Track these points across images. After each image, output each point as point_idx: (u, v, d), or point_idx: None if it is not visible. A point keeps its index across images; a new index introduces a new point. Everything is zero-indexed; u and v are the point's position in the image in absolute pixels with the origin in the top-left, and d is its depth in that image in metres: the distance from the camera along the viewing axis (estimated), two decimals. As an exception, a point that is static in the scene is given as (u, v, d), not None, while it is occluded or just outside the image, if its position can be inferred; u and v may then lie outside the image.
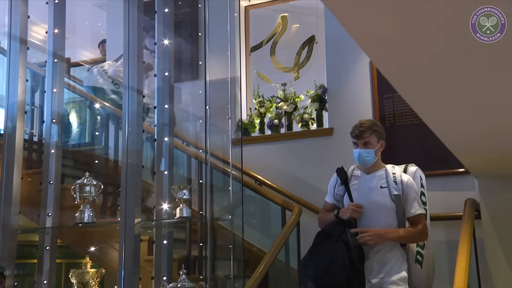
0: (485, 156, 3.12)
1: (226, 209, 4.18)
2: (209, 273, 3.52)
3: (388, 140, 4.66)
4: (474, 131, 2.74)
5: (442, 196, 4.30)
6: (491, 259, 3.41)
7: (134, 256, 3.32)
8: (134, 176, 3.45)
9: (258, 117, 5.45)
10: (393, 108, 4.67)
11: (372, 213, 2.84)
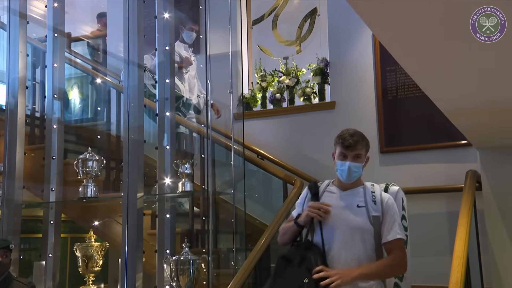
0: (486, 127, 3.10)
1: (228, 183, 4.20)
2: (211, 247, 3.54)
3: (391, 113, 4.69)
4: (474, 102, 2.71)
5: (445, 168, 4.30)
6: (491, 229, 3.43)
7: (137, 230, 3.37)
8: (136, 151, 3.47)
9: (260, 92, 5.42)
10: (395, 81, 4.63)
11: (346, 236, 2.38)
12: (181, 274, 3.37)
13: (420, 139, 4.49)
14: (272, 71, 5.43)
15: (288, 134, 5.15)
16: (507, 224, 3.36)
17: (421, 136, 4.49)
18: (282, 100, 5.33)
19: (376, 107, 4.72)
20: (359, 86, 4.87)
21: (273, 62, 5.54)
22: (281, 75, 5.34)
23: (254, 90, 5.47)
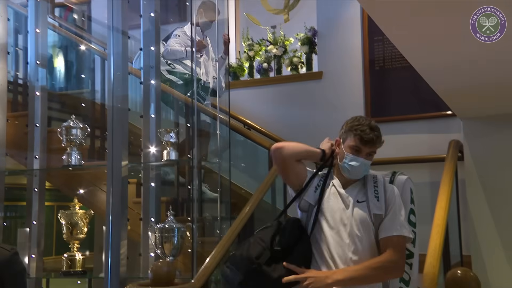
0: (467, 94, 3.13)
1: (214, 153, 4.21)
2: (196, 215, 3.56)
3: (377, 83, 4.69)
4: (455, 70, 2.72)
5: (429, 138, 4.34)
6: (471, 198, 3.49)
7: (122, 198, 3.37)
8: (121, 119, 3.44)
9: (247, 61, 5.39)
10: (383, 51, 4.62)
11: (343, 236, 2.08)
12: (166, 242, 3.39)
13: (406, 109, 4.52)
14: (259, 40, 5.39)
15: (275, 104, 5.14)
16: (487, 193, 3.41)
17: (407, 106, 4.52)
18: (269, 70, 5.31)
19: (363, 77, 4.72)
20: (346, 56, 4.85)
21: (261, 31, 5.49)
22: (268, 44, 5.30)
23: (241, 59, 5.43)
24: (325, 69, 4.93)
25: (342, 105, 4.81)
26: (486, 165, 3.48)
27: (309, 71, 5.09)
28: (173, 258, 3.42)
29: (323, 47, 4.98)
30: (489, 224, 3.39)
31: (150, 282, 2.50)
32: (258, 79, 5.33)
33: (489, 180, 3.46)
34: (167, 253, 3.39)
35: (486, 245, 3.39)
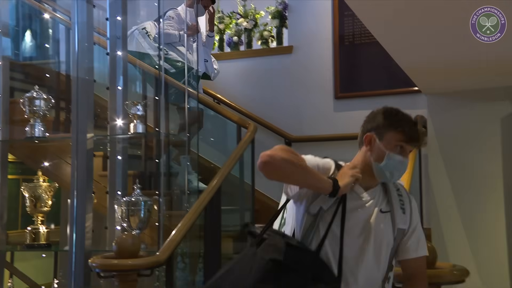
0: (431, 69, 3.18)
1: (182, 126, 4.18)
2: (163, 188, 3.55)
3: (347, 59, 4.72)
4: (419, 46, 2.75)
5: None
6: (432, 172, 3.57)
7: (87, 171, 3.33)
8: (86, 90, 3.38)
9: (217, 34, 5.33)
10: (352, 26, 4.64)
11: (371, 251, 1.74)
12: (132, 215, 3.38)
13: (375, 85, 4.57)
14: (230, 13, 5.33)
15: (244, 78, 5.13)
16: (448, 167, 3.50)
17: (376, 82, 4.56)
18: (239, 43, 5.28)
19: (333, 52, 4.73)
20: (316, 31, 4.85)
21: (231, 4, 5.43)
22: (239, 17, 5.25)
23: (212, 32, 5.36)
24: (295, 43, 4.92)
25: (312, 79, 4.83)
26: (448, 140, 3.56)
27: (279, 45, 5.08)
28: (139, 231, 3.42)
29: (294, 21, 4.96)
30: (449, 198, 3.48)
31: (114, 255, 2.50)
32: (228, 52, 5.30)
33: (451, 155, 3.54)
34: (133, 226, 3.39)
35: (446, 218, 3.49)
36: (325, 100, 4.76)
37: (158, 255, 2.68)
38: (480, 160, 3.46)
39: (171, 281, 2.91)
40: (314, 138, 4.70)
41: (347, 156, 4.58)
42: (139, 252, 2.55)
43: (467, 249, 3.35)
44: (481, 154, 3.47)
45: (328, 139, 4.62)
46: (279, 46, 5.08)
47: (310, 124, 4.76)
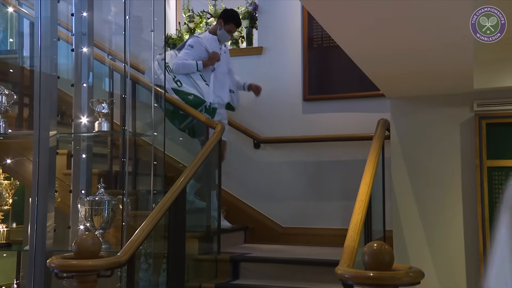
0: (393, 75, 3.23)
1: (149, 125, 4.14)
2: (128, 188, 3.51)
3: (315, 61, 4.75)
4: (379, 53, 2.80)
5: (360, 117, 4.47)
6: (395, 176, 3.62)
7: (49, 168, 3.27)
8: (49, 86, 3.31)
9: (187, 33, 5.29)
10: (321, 29, 4.66)
11: None
12: (96, 215, 3.35)
13: (342, 88, 4.61)
14: (200, 12, 5.31)
15: (214, 78, 5.09)
16: (410, 171, 3.55)
17: (343, 85, 4.60)
18: (209, 43, 5.24)
19: (302, 54, 4.75)
20: (286, 33, 4.86)
21: (202, 3, 5.40)
22: (209, 17, 5.23)
23: (181, 31, 5.33)
24: (265, 44, 4.93)
25: (281, 81, 4.85)
26: (410, 144, 3.61)
27: (249, 46, 5.07)
28: (102, 231, 3.38)
29: (264, 22, 4.96)
30: (410, 201, 3.54)
31: (73, 255, 2.45)
32: (198, 52, 5.25)
33: (412, 159, 3.60)
34: (96, 226, 3.35)
35: (407, 220, 3.54)
36: (294, 101, 4.78)
37: (119, 256, 2.64)
38: (440, 163, 3.54)
39: (132, 282, 2.87)
40: (282, 140, 4.72)
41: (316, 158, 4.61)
42: (99, 252, 2.51)
43: (427, 250, 3.41)
44: (441, 157, 3.54)
45: (296, 141, 4.65)
46: (249, 47, 5.07)
47: (279, 126, 4.78)
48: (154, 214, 3.05)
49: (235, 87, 4.56)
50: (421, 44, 2.55)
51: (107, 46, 4.48)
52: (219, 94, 4.39)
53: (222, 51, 4.47)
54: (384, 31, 2.43)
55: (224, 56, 4.48)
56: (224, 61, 4.45)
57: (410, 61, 2.85)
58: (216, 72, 4.40)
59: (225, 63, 4.47)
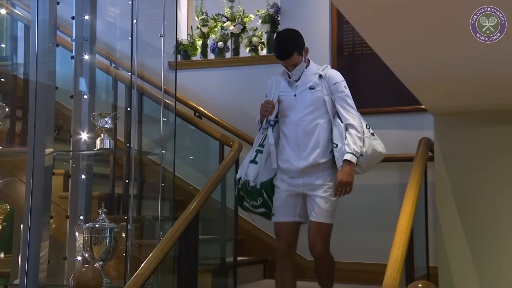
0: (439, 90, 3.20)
1: (157, 142, 4.15)
2: (133, 213, 3.50)
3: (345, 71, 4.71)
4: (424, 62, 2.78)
5: (399, 135, 4.39)
6: (440, 203, 3.54)
7: (44, 191, 3.28)
8: (46, 98, 3.35)
9: (200, 38, 5.33)
10: (353, 34, 4.64)
11: None
12: (96, 244, 3.35)
13: (377, 101, 4.56)
14: (215, 15, 5.34)
15: (230, 89, 5.11)
16: (458, 198, 3.48)
17: (377, 97, 4.57)
18: (225, 50, 5.28)
19: (330, 63, 4.73)
20: (312, 39, 4.82)
21: (217, 5, 5.44)
22: (225, 20, 5.26)
23: (194, 36, 5.37)
24: (288, 51, 4.92)
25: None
26: (457, 167, 3.54)
27: (270, 53, 5.07)
28: (103, 263, 3.37)
29: (287, 26, 4.92)
30: (459, 232, 3.46)
31: (71, 291, 2.43)
32: (212, 59, 5.28)
33: (460, 184, 3.52)
34: (96, 257, 3.34)
35: (455, 256, 3.45)
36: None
37: (123, 292, 2.62)
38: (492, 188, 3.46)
39: (137, 322, 2.84)
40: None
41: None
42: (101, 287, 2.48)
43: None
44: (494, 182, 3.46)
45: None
46: (270, 54, 5.07)
47: (304, 144, 4.74)
48: (163, 245, 3.03)
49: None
50: (475, 54, 2.52)
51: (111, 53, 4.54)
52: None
53: (286, 94, 3.21)
54: (431, 39, 2.41)
55: (292, 100, 3.16)
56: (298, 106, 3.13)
57: (461, 71, 2.81)
58: (283, 131, 3.18)
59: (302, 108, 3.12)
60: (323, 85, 3.15)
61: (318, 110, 3.12)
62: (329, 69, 3.23)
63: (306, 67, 3.22)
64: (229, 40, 5.26)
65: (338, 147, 3.05)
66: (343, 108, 3.12)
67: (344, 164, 3.00)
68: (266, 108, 3.19)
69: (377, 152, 3.20)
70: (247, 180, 3.12)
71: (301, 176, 3.08)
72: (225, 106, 5.06)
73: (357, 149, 3.03)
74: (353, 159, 3.00)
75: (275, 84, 3.30)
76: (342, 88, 3.16)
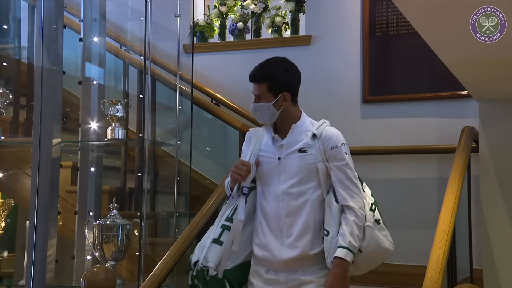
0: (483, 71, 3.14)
1: (172, 132, 4.16)
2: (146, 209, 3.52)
3: (378, 53, 4.68)
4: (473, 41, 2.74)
5: (439, 124, 4.34)
6: (485, 199, 3.51)
7: (52, 184, 3.30)
8: (52, 84, 3.36)
9: (218, 18, 5.32)
10: (386, 13, 4.59)
11: None
12: (107, 242, 3.38)
13: (412, 87, 4.52)
14: (234, -7, 5.33)
15: (251, 75, 5.10)
16: (506, 193, 3.45)
17: (414, 83, 4.52)
18: (245, 31, 5.25)
19: (361, 45, 4.70)
20: (341, 18, 4.82)
21: (236, -18, 5.41)
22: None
23: (211, 16, 5.36)
24: (314, 33, 4.89)
25: (334, 78, 4.79)
26: (505, 159, 3.50)
27: (294, 35, 5.05)
28: (115, 262, 3.40)
29: (313, 5, 4.93)
30: (506, 231, 3.42)
31: (82, 292, 2.45)
32: (231, 42, 5.26)
33: (508, 178, 3.48)
34: (107, 257, 3.37)
35: (502, 257, 3.42)
36: (350, 104, 4.71)
37: (137, 294, 2.63)
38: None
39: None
40: (335, 152, 4.65)
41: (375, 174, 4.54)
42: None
43: (529, 296, 3.30)
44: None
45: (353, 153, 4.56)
46: (294, 35, 5.04)
47: (331, 134, 4.72)
48: (180, 243, 3.04)
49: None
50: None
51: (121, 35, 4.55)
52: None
53: (267, 155, 2.61)
54: (476, 5, 2.37)
55: (275, 164, 2.57)
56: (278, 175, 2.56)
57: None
58: (261, 205, 2.60)
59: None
60: (318, 148, 2.52)
61: (308, 181, 2.51)
62: (327, 127, 2.60)
63: (296, 122, 2.60)
64: (249, 20, 5.23)
65: (330, 235, 2.43)
66: (340, 183, 2.49)
67: (336, 262, 2.39)
68: (239, 171, 2.53)
69: (382, 249, 2.50)
70: (206, 266, 2.45)
71: (283, 269, 2.47)
72: (245, 93, 5.00)
73: (355, 242, 2.40)
74: (348, 256, 2.38)
75: (255, 138, 2.68)
76: (342, 154, 2.52)
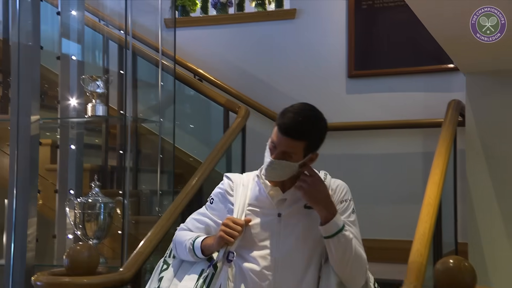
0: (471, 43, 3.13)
1: (154, 109, 4.15)
2: (129, 187, 3.53)
3: (364, 26, 4.70)
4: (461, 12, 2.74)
5: (425, 98, 4.40)
6: (471, 174, 3.56)
7: (31, 162, 3.30)
8: (30, 60, 3.34)
9: (200, -9, 5.30)
10: (372, -15, 4.62)
11: None
12: (88, 221, 3.37)
13: (398, 60, 4.57)
14: (216, -35, 5.29)
15: (234, 49, 5.11)
16: (492, 167, 3.49)
17: (400, 56, 4.57)
18: (228, 5, 5.24)
19: (347, 18, 4.72)
20: (326, -10, 4.83)
21: (218, -46, 5.37)
22: (228, -29, 5.21)
23: (193, -10, 5.34)
24: (299, 6, 4.90)
25: (319, 53, 4.82)
26: (492, 133, 3.54)
27: (279, 8, 5.05)
28: (97, 241, 3.40)
29: (298, -24, 4.93)
30: (492, 205, 3.47)
31: (65, 271, 2.46)
32: (213, 16, 5.27)
33: (495, 152, 3.52)
34: (89, 235, 3.38)
35: (487, 230, 3.48)
36: (335, 79, 4.74)
37: (121, 272, 2.65)
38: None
39: (137, 304, 2.88)
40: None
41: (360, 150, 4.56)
42: (97, 268, 2.51)
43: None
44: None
45: (338, 129, 4.59)
46: (278, 9, 5.04)
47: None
48: (164, 221, 3.06)
49: None
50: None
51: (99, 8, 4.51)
52: None
53: (263, 210, 2.18)
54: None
55: (275, 223, 2.15)
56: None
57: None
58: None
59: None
60: None
61: (316, 245, 2.09)
62: (332, 179, 2.25)
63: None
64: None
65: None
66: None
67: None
68: (231, 232, 2.04)
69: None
70: None
71: None
72: (228, 69, 5.05)
73: (349, 233, 2.04)
74: (334, 226, 2.01)
75: (240, 188, 2.20)
76: (351, 210, 2.16)
